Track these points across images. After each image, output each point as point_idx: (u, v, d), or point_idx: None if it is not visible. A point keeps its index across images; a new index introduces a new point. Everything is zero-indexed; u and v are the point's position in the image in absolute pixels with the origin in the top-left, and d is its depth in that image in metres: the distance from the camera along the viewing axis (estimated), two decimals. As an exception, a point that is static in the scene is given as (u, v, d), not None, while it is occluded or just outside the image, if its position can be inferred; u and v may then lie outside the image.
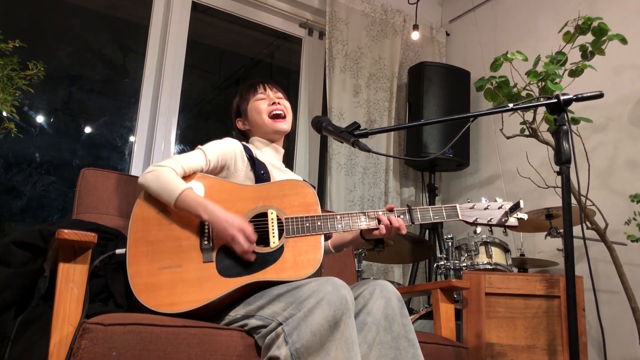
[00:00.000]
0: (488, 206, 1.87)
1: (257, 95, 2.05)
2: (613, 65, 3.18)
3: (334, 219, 1.78)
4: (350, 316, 1.49)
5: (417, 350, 1.58)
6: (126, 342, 1.38)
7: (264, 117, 2.02)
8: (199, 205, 1.70)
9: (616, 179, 3.11)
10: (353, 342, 1.46)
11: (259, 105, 2.03)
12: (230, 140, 1.95)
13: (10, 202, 3.14)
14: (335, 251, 2.06)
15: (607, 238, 2.60)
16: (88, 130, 3.44)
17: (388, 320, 1.60)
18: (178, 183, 1.73)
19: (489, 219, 1.86)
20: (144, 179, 1.76)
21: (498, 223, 1.86)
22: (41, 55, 2.81)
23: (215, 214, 1.68)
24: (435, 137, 3.65)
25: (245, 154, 1.92)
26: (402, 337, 1.58)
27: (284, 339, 1.45)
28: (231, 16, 3.76)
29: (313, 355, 1.43)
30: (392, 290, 1.65)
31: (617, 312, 2.89)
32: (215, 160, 1.87)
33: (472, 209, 1.87)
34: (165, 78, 3.38)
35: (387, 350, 1.57)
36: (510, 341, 2.47)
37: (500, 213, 1.86)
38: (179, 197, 1.70)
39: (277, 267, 1.67)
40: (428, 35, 4.26)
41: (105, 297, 1.64)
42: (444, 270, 2.93)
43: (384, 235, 1.82)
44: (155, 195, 1.74)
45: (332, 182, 3.59)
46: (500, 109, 1.77)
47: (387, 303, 1.61)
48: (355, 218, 1.81)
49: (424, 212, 1.85)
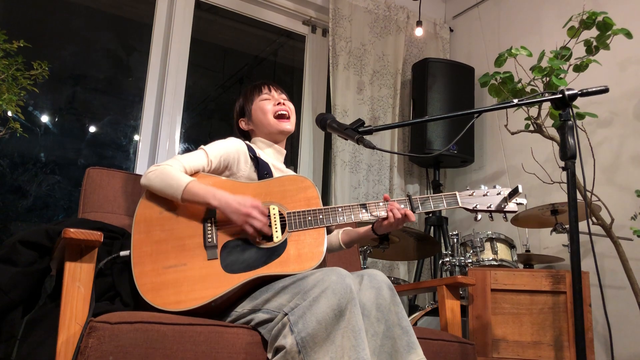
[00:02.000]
0: (487, 192, 1.90)
1: (262, 95, 2.05)
2: (618, 60, 3.16)
3: (335, 212, 1.80)
4: (356, 304, 1.49)
5: (411, 337, 1.58)
6: (133, 341, 1.39)
7: (269, 117, 2.02)
8: (207, 193, 1.71)
9: (622, 174, 3.10)
10: (360, 329, 1.47)
11: (264, 105, 2.03)
12: (234, 140, 1.95)
13: (16, 201, 3.15)
14: (346, 247, 2.07)
15: (613, 233, 2.60)
16: (93, 130, 3.45)
17: (381, 311, 1.59)
18: (182, 177, 1.74)
19: (488, 205, 1.89)
20: (147, 178, 1.77)
21: (497, 209, 1.89)
22: (45, 55, 2.82)
23: (225, 199, 1.70)
24: (440, 134, 3.64)
25: (249, 153, 1.93)
26: (395, 325, 1.58)
27: (290, 328, 1.45)
28: (234, 14, 3.76)
29: (319, 344, 1.44)
30: (381, 279, 1.65)
31: (623, 307, 2.88)
32: (218, 161, 1.88)
33: (471, 196, 1.89)
34: (169, 77, 3.38)
35: (384, 340, 1.57)
36: (516, 337, 2.47)
37: (499, 199, 1.89)
38: (185, 189, 1.71)
39: (282, 261, 1.68)
40: (432, 32, 4.25)
41: (112, 296, 1.65)
42: (449, 266, 2.93)
43: (394, 225, 1.84)
44: (160, 193, 1.75)
45: (336, 180, 3.59)
46: (504, 104, 1.77)
47: (377, 293, 1.61)
48: (356, 210, 1.83)
49: (424, 200, 1.87)
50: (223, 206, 1.71)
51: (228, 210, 1.70)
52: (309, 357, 1.42)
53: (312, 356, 1.42)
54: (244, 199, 1.70)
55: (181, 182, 1.72)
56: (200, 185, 1.73)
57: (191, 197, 1.72)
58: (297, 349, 1.42)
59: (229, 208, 1.70)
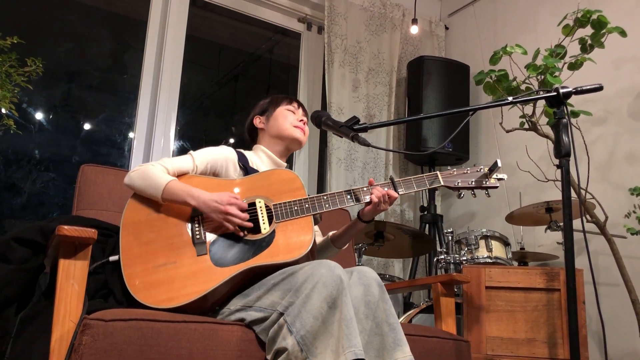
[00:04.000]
0: (467, 170, 1.95)
1: (289, 106, 2.10)
2: (612, 58, 3.17)
3: (320, 199, 1.82)
4: (347, 294, 1.51)
5: (398, 334, 1.58)
6: (127, 338, 1.38)
7: (287, 123, 2.05)
8: (185, 192, 1.74)
9: (616, 172, 3.11)
10: (351, 318, 1.48)
11: (288, 114, 2.07)
12: (224, 148, 1.97)
13: (10, 199, 3.14)
14: (337, 247, 2.05)
15: (607, 231, 2.61)
16: (87, 127, 3.44)
17: (369, 307, 1.59)
18: (163, 176, 1.77)
19: (469, 182, 1.93)
20: (129, 178, 1.80)
21: (478, 185, 1.93)
22: (40, 51, 2.80)
23: (202, 198, 1.73)
24: (435, 132, 3.65)
25: (238, 162, 1.94)
26: (383, 322, 1.59)
27: (288, 329, 1.46)
28: (230, 11, 3.75)
29: (319, 338, 1.46)
30: (371, 275, 1.65)
31: (617, 304, 2.89)
32: (204, 167, 1.90)
33: (451, 174, 1.94)
34: (164, 74, 3.37)
35: (372, 336, 1.57)
36: (510, 334, 2.48)
37: (480, 175, 1.93)
38: (164, 188, 1.73)
39: (271, 251, 1.69)
40: (427, 30, 4.25)
41: (106, 294, 1.65)
42: (444, 264, 2.94)
43: (378, 207, 1.86)
44: (142, 192, 1.77)
45: (332, 177, 3.59)
46: (499, 102, 1.77)
47: (366, 290, 1.61)
48: (341, 197, 1.85)
49: (407, 182, 1.91)
50: (201, 206, 1.73)
51: (207, 210, 1.73)
52: (311, 353, 1.44)
53: (314, 352, 1.44)
54: (221, 197, 1.72)
55: (161, 182, 1.75)
56: (179, 185, 1.75)
57: (170, 196, 1.74)
58: (299, 347, 1.44)
59: (207, 207, 1.72)
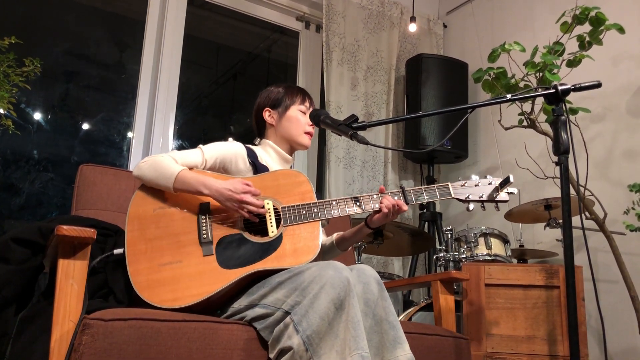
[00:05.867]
0: (479, 183, 1.92)
1: (302, 107, 2.08)
2: (611, 55, 3.17)
3: (329, 205, 1.80)
4: (354, 296, 1.51)
5: (398, 332, 1.58)
6: (127, 337, 1.38)
7: (300, 130, 2.04)
8: (198, 182, 1.71)
9: (614, 169, 3.11)
10: (358, 321, 1.48)
11: (302, 117, 2.06)
12: (234, 143, 1.95)
13: (8, 199, 3.14)
14: (340, 250, 2.03)
15: (606, 228, 2.61)
16: (86, 127, 3.44)
17: (368, 305, 1.59)
18: (174, 166, 1.74)
19: (480, 195, 1.90)
20: (139, 169, 1.76)
21: (489, 199, 1.91)
22: (37, 51, 2.80)
23: (216, 187, 1.71)
24: (434, 129, 3.65)
25: (248, 158, 1.92)
26: (383, 320, 1.59)
27: (294, 328, 1.46)
28: (228, 10, 3.75)
29: (324, 339, 1.45)
30: (370, 274, 1.65)
31: (616, 301, 2.90)
32: (213, 161, 1.87)
33: (463, 186, 1.92)
34: (162, 73, 3.37)
35: (371, 334, 1.57)
36: (510, 332, 2.48)
37: (491, 189, 1.91)
38: (176, 178, 1.71)
39: (277, 255, 1.68)
40: (425, 27, 4.25)
41: (106, 293, 1.65)
42: (443, 262, 2.94)
43: (387, 217, 1.84)
44: (152, 183, 1.74)
45: (330, 176, 3.59)
46: (498, 100, 1.77)
47: (365, 287, 1.61)
48: (350, 203, 1.83)
49: (417, 192, 1.88)
50: (215, 194, 1.71)
51: (221, 199, 1.71)
52: (316, 353, 1.44)
53: (319, 352, 1.44)
54: (235, 185, 1.70)
55: (173, 171, 1.72)
56: (191, 174, 1.73)
57: (183, 186, 1.72)
58: (305, 347, 1.44)
59: (221, 196, 1.70)
